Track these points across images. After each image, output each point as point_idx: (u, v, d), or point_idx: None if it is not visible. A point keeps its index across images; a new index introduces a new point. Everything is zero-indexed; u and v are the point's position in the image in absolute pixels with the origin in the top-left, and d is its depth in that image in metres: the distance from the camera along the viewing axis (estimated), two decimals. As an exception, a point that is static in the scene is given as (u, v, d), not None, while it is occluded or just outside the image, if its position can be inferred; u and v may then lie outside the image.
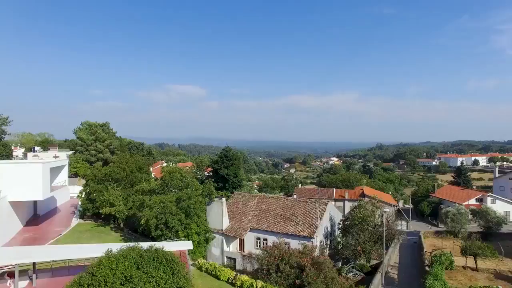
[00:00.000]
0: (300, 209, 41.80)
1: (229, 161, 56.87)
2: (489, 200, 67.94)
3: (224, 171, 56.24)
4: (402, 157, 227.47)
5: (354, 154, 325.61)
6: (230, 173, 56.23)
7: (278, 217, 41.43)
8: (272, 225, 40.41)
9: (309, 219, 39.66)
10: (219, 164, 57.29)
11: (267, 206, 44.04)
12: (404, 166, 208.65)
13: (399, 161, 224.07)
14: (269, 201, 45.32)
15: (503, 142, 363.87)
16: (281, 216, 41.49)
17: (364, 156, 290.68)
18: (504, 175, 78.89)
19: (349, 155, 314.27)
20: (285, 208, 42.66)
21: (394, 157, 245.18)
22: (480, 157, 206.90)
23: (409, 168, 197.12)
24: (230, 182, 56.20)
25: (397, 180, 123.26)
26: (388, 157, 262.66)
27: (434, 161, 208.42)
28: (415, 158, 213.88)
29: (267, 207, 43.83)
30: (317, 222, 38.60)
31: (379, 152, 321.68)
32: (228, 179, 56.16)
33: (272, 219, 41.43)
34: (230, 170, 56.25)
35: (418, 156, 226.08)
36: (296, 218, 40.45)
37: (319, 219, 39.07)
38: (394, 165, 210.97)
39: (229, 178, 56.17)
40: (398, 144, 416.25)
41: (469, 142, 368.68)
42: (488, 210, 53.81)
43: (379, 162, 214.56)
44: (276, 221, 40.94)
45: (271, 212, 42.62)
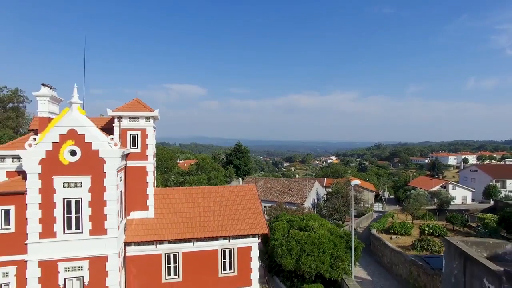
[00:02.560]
0: (295, 186, 60.78)
1: (240, 154, 75.90)
2: (450, 187, 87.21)
3: (237, 162, 75.28)
4: (397, 156, 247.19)
5: (353, 153, 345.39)
6: (242, 163, 75.28)
7: (279, 192, 60.34)
8: (275, 197, 59.24)
9: (301, 192, 58.58)
10: (233, 156, 76.33)
11: (271, 184, 63.01)
12: (398, 164, 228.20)
13: (393, 159, 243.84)
14: (273, 181, 64.38)
15: (500, 142, 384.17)
16: (281, 191, 60.39)
17: (362, 155, 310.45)
18: (467, 168, 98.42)
19: (348, 154, 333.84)
20: (284, 186, 61.63)
21: (390, 155, 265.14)
22: (470, 155, 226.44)
23: (402, 166, 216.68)
24: (241, 170, 75.20)
25: (386, 174, 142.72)
26: (385, 156, 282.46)
27: (426, 159, 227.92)
28: (408, 156, 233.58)
29: (271, 185, 62.78)
30: (306, 194, 57.51)
31: (377, 151, 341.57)
32: (240, 167, 75.19)
33: (275, 193, 60.33)
34: (241, 160, 75.28)
35: (412, 155, 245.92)
36: (292, 192, 59.36)
37: (308, 192, 58.04)
38: (389, 163, 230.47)
39: (241, 167, 75.18)
40: (397, 143, 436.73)
41: (467, 142, 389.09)
42: (441, 192, 73.14)
43: (374, 161, 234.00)
44: (278, 194, 59.82)
45: (274, 189, 61.53)
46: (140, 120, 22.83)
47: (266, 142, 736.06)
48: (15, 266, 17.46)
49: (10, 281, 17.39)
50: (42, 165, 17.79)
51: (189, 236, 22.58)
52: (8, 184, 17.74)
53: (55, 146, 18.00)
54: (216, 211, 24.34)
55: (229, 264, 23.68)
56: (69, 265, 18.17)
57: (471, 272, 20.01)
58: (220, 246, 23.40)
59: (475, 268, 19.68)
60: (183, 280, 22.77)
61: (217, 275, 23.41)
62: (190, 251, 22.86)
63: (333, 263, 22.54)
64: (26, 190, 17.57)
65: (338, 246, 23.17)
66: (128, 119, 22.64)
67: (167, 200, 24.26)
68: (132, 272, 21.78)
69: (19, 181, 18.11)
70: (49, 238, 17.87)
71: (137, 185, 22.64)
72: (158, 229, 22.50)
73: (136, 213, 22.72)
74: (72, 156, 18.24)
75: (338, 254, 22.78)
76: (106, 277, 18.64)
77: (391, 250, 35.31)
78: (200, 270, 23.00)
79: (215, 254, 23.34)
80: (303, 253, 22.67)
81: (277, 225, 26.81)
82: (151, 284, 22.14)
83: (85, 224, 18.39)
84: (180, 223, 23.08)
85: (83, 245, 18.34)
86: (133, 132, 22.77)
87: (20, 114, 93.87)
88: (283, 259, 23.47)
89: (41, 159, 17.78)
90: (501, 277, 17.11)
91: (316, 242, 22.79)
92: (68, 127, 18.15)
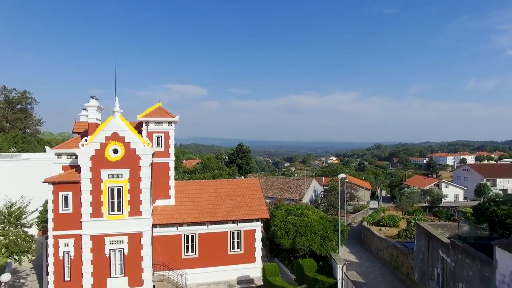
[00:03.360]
0: (294, 183, 65.97)
1: (242, 153, 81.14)
2: (443, 185, 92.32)
3: (239, 161, 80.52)
4: (397, 156, 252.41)
5: (353, 153, 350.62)
6: (244, 162, 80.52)
7: (279, 189, 65.50)
8: (275, 193, 64.39)
9: (300, 189, 63.76)
10: (235, 156, 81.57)
11: (271, 182, 68.21)
12: (397, 164, 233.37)
13: (393, 159, 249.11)
14: (273, 179, 69.61)
15: (500, 142, 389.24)
16: (281, 188, 65.56)
17: (362, 155, 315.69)
18: (460, 168, 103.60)
19: (348, 155, 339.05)
20: (284, 183, 66.84)
21: (389, 156, 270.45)
22: (469, 156, 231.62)
23: (401, 166, 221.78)
24: (243, 169, 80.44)
25: (384, 174, 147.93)
26: (385, 156, 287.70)
27: (425, 159, 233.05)
28: (407, 157, 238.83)
29: (272, 183, 67.97)
30: (304, 191, 62.69)
31: (377, 151, 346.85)
32: (242, 166, 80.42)
33: (275, 190, 65.50)
34: (243, 160, 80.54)
35: (411, 155, 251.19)
36: (291, 189, 64.54)
37: (306, 188, 63.23)
38: (388, 163, 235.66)
39: (243, 166, 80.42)
40: (397, 144, 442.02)
41: (467, 142, 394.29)
42: (432, 190, 78.32)
43: (373, 161, 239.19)
44: (278, 191, 64.99)
45: (275, 186, 66.71)
46: (163, 124, 28.04)
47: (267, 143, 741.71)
48: (73, 239, 22.73)
49: (70, 250, 22.64)
50: (92, 160, 23.01)
51: (204, 219, 27.79)
52: (67, 175, 22.96)
53: (102, 146, 23.22)
54: (226, 200, 29.54)
55: (236, 244, 28.88)
56: (113, 239, 23.41)
57: (432, 247, 25.35)
58: (229, 229, 28.61)
59: (434, 243, 25.02)
60: (199, 257, 27.98)
61: (227, 253, 28.61)
62: (205, 233, 28.08)
63: (322, 242, 27.71)
64: (80, 180, 22.78)
65: (327, 228, 28.35)
66: (154, 124, 27.85)
67: (185, 190, 29.45)
68: (157, 249, 26.96)
69: (73, 173, 23.31)
70: (98, 217, 23.12)
71: (161, 178, 27.82)
72: (178, 214, 27.69)
73: (160, 201, 27.89)
74: (114, 153, 23.45)
75: (327, 235, 27.96)
76: (141, 249, 23.89)
77: (377, 238, 40.52)
78: (213, 249, 28.20)
79: (225, 235, 28.55)
80: (298, 234, 27.84)
81: (276, 213, 32.00)
82: (172, 259, 27.33)
83: (125, 207, 23.62)
84: (196, 209, 28.28)
85: (123, 224, 23.57)
86: (158, 134, 27.98)
87: (27, 115, 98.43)
88: (281, 239, 28.64)
89: (91, 155, 23.01)
90: (449, 247, 22.43)
91: (309, 225, 27.95)
92: (112, 131, 23.37)
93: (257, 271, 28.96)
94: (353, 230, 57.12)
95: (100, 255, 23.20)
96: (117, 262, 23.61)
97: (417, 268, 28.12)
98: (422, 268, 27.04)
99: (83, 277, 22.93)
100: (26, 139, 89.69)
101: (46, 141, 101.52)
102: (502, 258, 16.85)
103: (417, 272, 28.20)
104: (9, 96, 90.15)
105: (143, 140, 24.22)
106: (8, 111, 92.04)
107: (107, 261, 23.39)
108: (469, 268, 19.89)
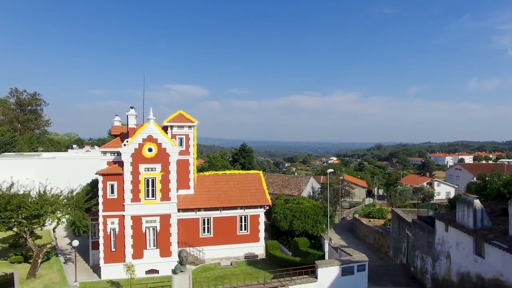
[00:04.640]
0: (293, 181, 72.79)
1: (245, 153, 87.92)
2: (436, 183, 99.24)
3: (242, 160, 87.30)
4: (396, 156, 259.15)
5: (353, 154, 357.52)
6: (246, 161, 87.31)
7: (279, 186, 72.28)
8: (276, 190, 71.07)
9: (298, 186, 70.55)
10: (238, 155, 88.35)
11: (272, 180, 74.99)
12: (396, 164, 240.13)
13: (392, 160, 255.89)
14: (274, 177, 76.47)
15: (501, 143, 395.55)
16: (281, 185, 72.35)
17: (363, 156, 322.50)
18: (452, 167, 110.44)
19: (348, 155, 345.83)
20: (284, 181, 73.66)
21: (389, 156, 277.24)
22: (467, 156, 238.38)
23: (400, 166, 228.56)
24: (246, 168, 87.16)
25: (381, 174, 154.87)
26: (385, 156, 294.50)
27: (424, 160, 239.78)
28: (407, 157, 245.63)
29: (273, 180, 74.75)
30: (303, 187, 69.48)
31: (377, 152, 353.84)
32: (245, 166, 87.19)
33: (276, 187, 72.24)
34: (246, 159, 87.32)
35: (411, 156, 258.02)
36: (290, 186, 71.32)
37: (304, 185, 70.04)
38: (388, 163, 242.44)
39: (246, 165, 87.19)
40: (398, 144, 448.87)
41: (468, 142, 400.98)
42: (423, 187, 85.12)
43: (373, 161, 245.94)
44: (278, 187, 71.74)
45: (275, 183, 73.47)
46: (184, 128, 34.87)
47: (267, 143, 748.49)
48: (117, 218, 29.62)
49: (115, 227, 29.53)
50: (132, 157, 29.85)
51: (217, 206, 34.67)
52: (113, 169, 29.80)
53: (139, 146, 30.06)
54: (235, 190, 36.40)
55: (244, 226, 35.72)
56: (148, 219, 30.27)
57: (402, 227, 32.17)
58: (238, 214, 35.44)
59: (403, 223, 31.87)
60: (213, 236, 34.83)
61: (236, 234, 35.45)
62: (218, 217, 34.94)
63: (314, 224, 34.57)
64: (123, 172, 29.61)
65: (318, 213, 35.20)
66: (177, 128, 34.68)
67: (202, 182, 36.30)
68: (180, 230, 33.73)
69: (117, 167, 30.14)
70: (136, 202, 29.98)
71: (183, 171, 34.60)
72: (197, 201, 34.54)
73: (182, 190, 34.66)
74: (149, 151, 30.30)
75: (318, 218, 34.82)
76: (170, 227, 30.77)
77: (365, 226, 47.40)
78: (224, 230, 35.05)
79: (234, 219, 35.40)
80: (294, 218, 34.69)
81: (277, 202, 38.90)
82: (192, 238, 34.15)
83: (157, 194, 30.49)
84: (211, 197, 35.14)
85: (156, 207, 30.44)
86: (180, 136, 34.79)
87: (37, 116, 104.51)
88: (281, 223, 35.49)
89: (131, 153, 29.84)
90: (411, 224, 29.30)
91: (303, 211, 34.81)
92: (147, 134, 30.21)
93: (260, 249, 35.83)
94: (347, 223, 63.97)
95: (138, 232, 30.05)
96: (151, 237, 30.49)
97: (392, 245, 34.99)
98: (395, 245, 33.91)
99: (125, 248, 29.80)
100: (40, 139, 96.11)
101: (55, 141, 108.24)
102: (439, 226, 23.76)
103: (392, 249, 35.07)
104: (20, 98, 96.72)
105: (171, 141, 31.06)
106: (19, 113, 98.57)
107: (143, 236, 30.24)
108: (422, 238, 26.79)
